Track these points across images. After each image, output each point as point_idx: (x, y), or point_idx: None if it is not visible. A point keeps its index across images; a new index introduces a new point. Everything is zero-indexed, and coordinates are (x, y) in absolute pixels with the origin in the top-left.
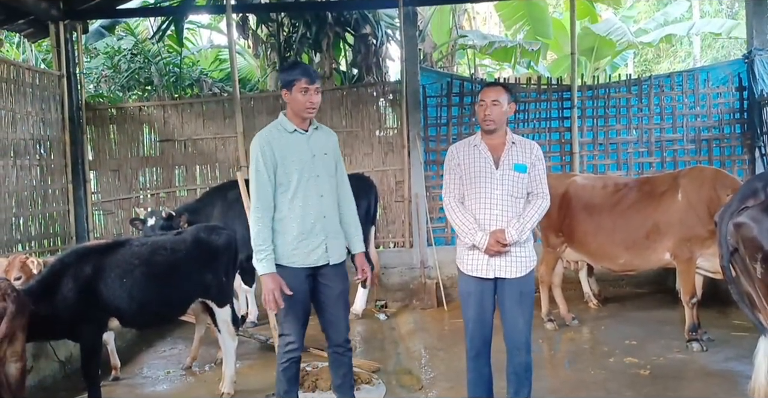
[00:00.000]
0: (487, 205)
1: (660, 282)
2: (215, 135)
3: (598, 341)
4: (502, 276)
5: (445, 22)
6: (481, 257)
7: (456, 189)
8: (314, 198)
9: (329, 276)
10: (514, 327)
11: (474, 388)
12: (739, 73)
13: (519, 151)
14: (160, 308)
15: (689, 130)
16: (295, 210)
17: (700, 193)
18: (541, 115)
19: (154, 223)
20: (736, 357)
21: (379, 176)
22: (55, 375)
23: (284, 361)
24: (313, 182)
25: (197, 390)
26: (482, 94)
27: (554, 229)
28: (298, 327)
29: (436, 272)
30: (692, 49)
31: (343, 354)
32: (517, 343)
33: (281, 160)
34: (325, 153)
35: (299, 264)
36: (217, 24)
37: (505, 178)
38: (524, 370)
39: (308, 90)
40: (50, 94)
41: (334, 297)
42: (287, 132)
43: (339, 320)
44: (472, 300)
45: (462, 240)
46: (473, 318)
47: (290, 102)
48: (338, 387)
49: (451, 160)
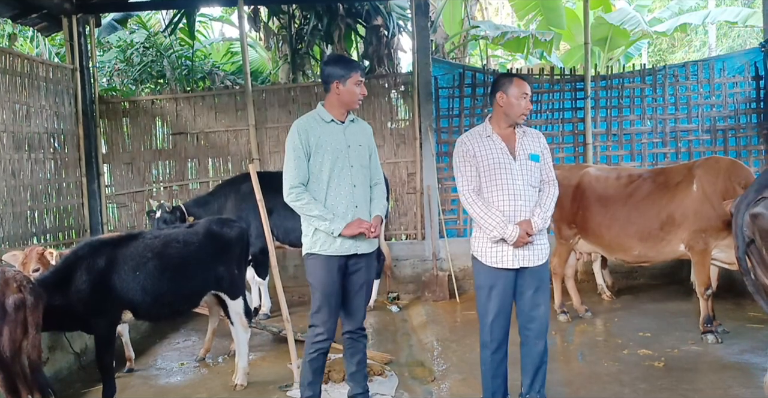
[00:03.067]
0: (511, 197)
1: (674, 274)
2: (227, 127)
3: (612, 333)
4: (527, 265)
5: (457, 13)
6: (507, 248)
7: (474, 181)
8: (347, 187)
9: (358, 265)
10: (535, 316)
11: (492, 382)
12: (756, 62)
13: (530, 140)
14: (173, 300)
15: (704, 120)
16: (328, 199)
17: (715, 183)
18: (554, 106)
19: (159, 216)
20: (752, 349)
21: (390, 168)
22: (71, 367)
23: (312, 351)
24: (347, 172)
25: (211, 381)
26: (523, 87)
27: (567, 221)
28: (329, 319)
29: (448, 264)
30: (707, 38)
31: (358, 340)
32: (538, 332)
33: (315, 148)
34: (360, 144)
35: (330, 252)
36: (228, 16)
37: (524, 168)
38: (541, 360)
39: (361, 82)
40: (64, 88)
41: (357, 287)
42: (324, 121)
43: (358, 309)
44: (495, 293)
45: (488, 234)
46: (496, 311)
47: (342, 93)
48: (352, 376)
49: (464, 151)
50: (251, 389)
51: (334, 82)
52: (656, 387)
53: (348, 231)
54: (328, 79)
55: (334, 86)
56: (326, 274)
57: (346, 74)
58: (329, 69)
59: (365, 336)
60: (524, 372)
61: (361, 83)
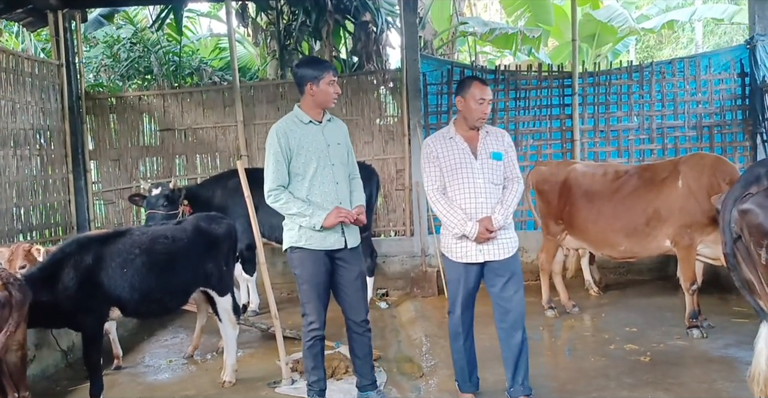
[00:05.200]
0: (472, 194)
1: (660, 270)
2: (215, 124)
3: (599, 328)
4: (492, 259)
5: (445, 9)
6: (470, 244)
7: (438, 180)
8: (330, 185)
9: (346, 259)
10: (509, 308)
11: (463, 371)
12: (741, 59)
13: (493, 139)
14: (161, 297)
15: (690, 116)
16: (312, 197)
17: (700, 180)
18: (542, 102)
19: (159, 193)
20: (736, 344)
21: (379, 164)
22: (58, 365)
23: (308, 339)
24: (329, 170)
25: (199, 378)
26: (482, 92)
27: (554, 217)
28: (319, 308)
29: (436, 260)
30: (694, 35)
31: (363, 334)
32: (513, 323)
33: (297, 150)
34: (338, 143)
35: (316, 247)
36: (216, 12)
37: (485, 167)
38: (520, 351)
39: (334, 82)
40: (50, 84)
41: (351, 279)
42: (303, 123)
43: (357, 301)
44: (462, 286)
45: (451, 231)
46: (463, 303)
47: (316, 94)
48: (360, 368)
49: (428, 153)
50: (240, 386)
51: (308, 83)
52: (642, 382)
53: (328, 222)
54: (301, 81)
55: (308, 88)
56: (312, 265)
57: (318, 75)
58: (302, 71)
59: (369, 330)
60: (506, 366)
61: (335, 82)
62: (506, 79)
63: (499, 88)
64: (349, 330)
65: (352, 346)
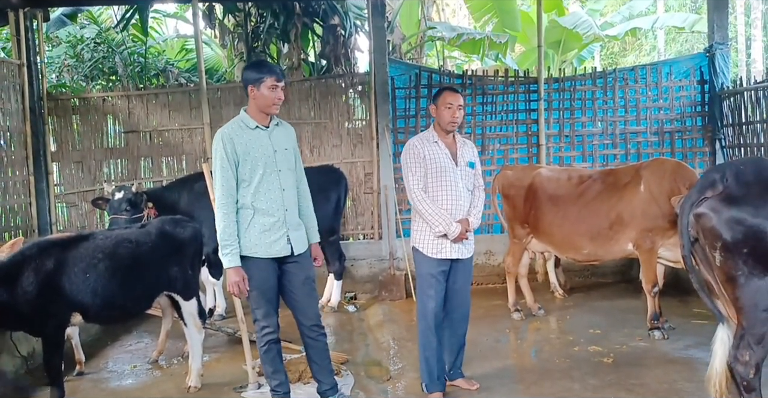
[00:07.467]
0: (455, 197)
1: (624, 273)
2: (181, 126)
3: (564, 330)
4: (460, 257)
5: (413, 14)
6: (446, 242)
7: (422, 181)
8: (277, 191)
9: (294, 264)
10: (463, 301)
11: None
12: (701, 66)
13: (468, 150)
14: (124, 302)
15: (652, 122)
16: (258, 203)
17: (661, 184)
18: (509, 107)
19: (122, 197)
20: (696, 345)
21: (348, 168)
22: (17, 371)
23: (263, 344)
24: (275, 176)
25: (164, 384)
26: (450, 97)
27: (520, 221)
28: (270, 313)
29: (405, 264)
30: (657, 42)
31: (317, 339)
32: (463, 316)
33: (243, 156)
34: (285, 148)
35: (262, 255)
36: (183, 13)
37: (463, 173)
38: (464, 340)
39: (276, 87)
40: (10, 84)
41: (299, 284)
42: (249, 128)
43: (307, 306)
44: (435, 281)
45: (434, 229)
46: (435, 297)
47: (257, 98)
48: (319, 372)
49: (416, 154)
50: (205, 390)
51: (250, 86)
52: (605, 383)
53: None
54: (245, 83)
55: (250, 90)
56: (259, 272)
57: (259, 78)
58: (246, 73)
59: (324, 334)
60: (449, 352)
61: (278, 88)
62: (473, 84)
63: (466, 93)
64: (303, 336)
65: (308, 352)
